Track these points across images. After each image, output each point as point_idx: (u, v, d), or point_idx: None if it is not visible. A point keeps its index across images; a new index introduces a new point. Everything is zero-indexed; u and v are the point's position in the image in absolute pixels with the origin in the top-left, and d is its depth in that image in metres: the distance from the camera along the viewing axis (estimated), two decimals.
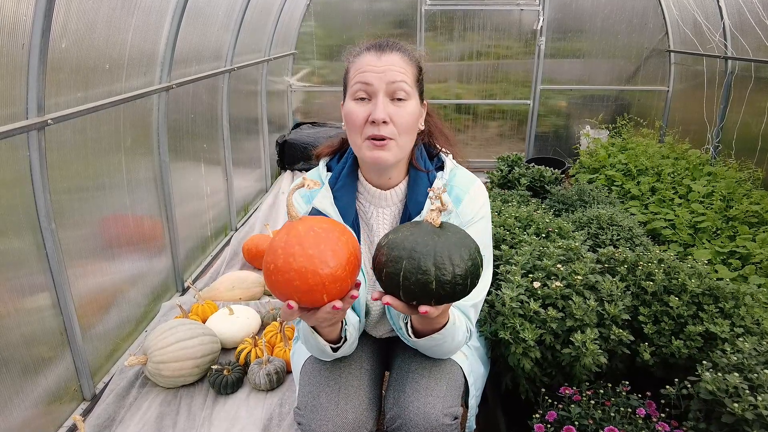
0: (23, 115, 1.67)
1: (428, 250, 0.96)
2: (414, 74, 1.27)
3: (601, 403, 1.46)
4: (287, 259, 0.96)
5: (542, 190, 3.60)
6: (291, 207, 1.04)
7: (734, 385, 1.26)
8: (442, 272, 0.95)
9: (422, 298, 0.98)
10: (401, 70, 1.23)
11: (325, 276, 0.96)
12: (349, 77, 1.28)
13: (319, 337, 1.22)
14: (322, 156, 1.47)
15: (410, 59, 1.27)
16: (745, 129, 3.96)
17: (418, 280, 0.96)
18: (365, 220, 1.40)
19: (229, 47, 3.51)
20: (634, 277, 1.76)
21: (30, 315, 1.77)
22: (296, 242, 0.97)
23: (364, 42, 1.30)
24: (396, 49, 1.25)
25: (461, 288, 0.98)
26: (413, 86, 1.26)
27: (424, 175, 1.34)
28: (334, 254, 0.97)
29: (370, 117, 1.21)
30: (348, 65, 1.30)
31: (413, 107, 1.26)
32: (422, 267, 0.95)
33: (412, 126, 1.27)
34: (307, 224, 1.01)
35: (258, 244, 3.16)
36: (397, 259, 0.97)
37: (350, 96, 1.25)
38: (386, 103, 1.22)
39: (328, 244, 0.97)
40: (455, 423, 1.27)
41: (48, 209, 1.77)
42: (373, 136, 1.21)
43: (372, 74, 1.21)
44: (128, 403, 2.03)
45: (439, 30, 5.14)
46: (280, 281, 0.97)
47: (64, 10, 1.76)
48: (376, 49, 1.24)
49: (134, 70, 2.35)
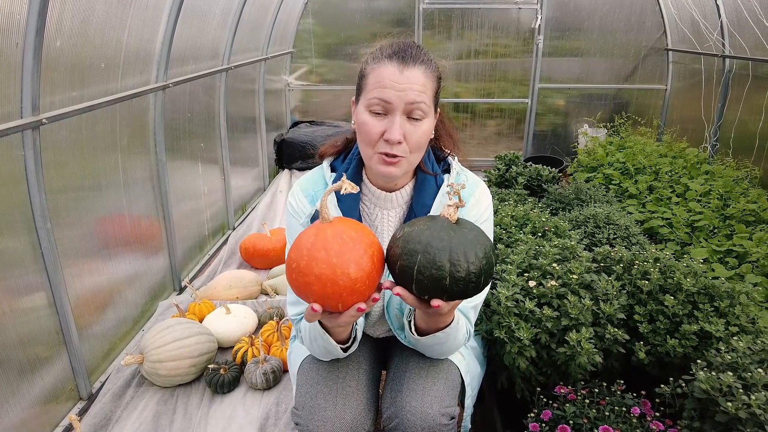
0: (18, 115, 1.67)
1: (444, 245, 0.96)
2: (433, 89, 1.23)
3: (596, 402, 1.46)
4: (310, 263, 0.95)
5: (540, 189, 3.61)
6: (324, 208, 1.01)
7: (728, 384, 1.26)
8: (457, 269, 0.95)
9: (435, 292, 0.98)
10: (422, 89, 1.18)
11: (343, 287, 0.95)
12: (366, 83, 1.22)
13: (330, 338, 1.22)
14: (327, 156, 1.44)
15: (432, 73, 1.21)
16: (742, 127, 3.97)
17: (432, 275, 0.95)
18: (369, 222, 1.40)
19: (227, 46, 3.50)
20: (629, 276, 1.76)
21: (26, 315, 1.76)
22: (322, 246, 0.96)
23: (386, 45, 1.22)
24: (419, 61, 1.18)
25: (474, 285, 0.98)
26: (431, 103, 1.22)
27: (431, 178, 1.34)
28: (357, 267, 0.95)
29: (385, 135, 1.18)
30: (366, 68, 1.23)
31: (428, 126, 1.23)
32: (437, 262, 0.95)
33: (424, 144, 1.25)
34: (337, 229, 0.99)
35: (255, 243, 3.16)
36: (413, 252, 0.97)
37: (366, 105, 1.20)
38: (403, 122, 1.18)
39: (353, 254, 0.96)
40: (452, 423, 1.27)
41: (43, 209, 1.77)
42: (386, 153, 1.20)
43: (392, 92, 1.16)
44: (125, 402, 2.03)
45: (437, 28, 5.13)
46: (300, 282, 0.97)
47: (58, 9, 1.76)
48: (399, 59, 1.17)
49: (130, 68, 2.34)
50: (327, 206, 1.02)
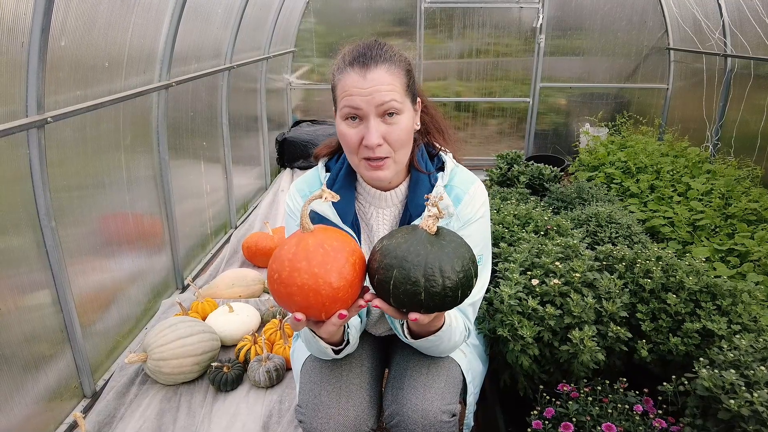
0: (23, 113, 1.68)
1: (419, 260, 0.95)
2: (403, 83, 1.21)
3: (598, 400, 1.47)
4: (292, 273, 0.95)
5: (541, 188, 3.61)
6: (304, 218, 1.02)
7: (730, 381, 1.26)
8: (431, 284, 0.95)
9: (411, 306, 0.98)
10: (389, 88, 1.17)
11: (326, 296, 0.95)
12: (336, 95, 1.23)
13: (321, 340, 1.22)
14: (321, 156, 1.45)
15: (397, 68, 1.20)
16: (744, 127, 3.96)
17: (407, 290, 0.95)
18: (365, 221, 1.40)
19: (229, 45, 3.51)
20: (632, 275, 1.76)
21: (30, 312, 1.77)
22: (303, 257, 0.96)
23: (347, 52, 1.22)
24: (381, 60, 1.17)
25: (451, 299, 0.98)
26: (404, 97, 1.21)
27: (425, 177, 1.34)
28: (339, 276, 0.96)
29: (363, 141, 1.19)
30: (334, 81, 1.23)
31: (406, 121, 1.22)
32: (411, 278, 0.94)
33: (407, 140, 1.24)
34: (318, 239, 0.99)
35: (257, 241, 3.17)
36: (388, 267, 0.96)
37: (341, 116, 1.21)
38: (378, 124, 1.18)
39: (335, 264, 0.96)
40: (453, 420, 1.27)
41: (48, 207, 1.78)
42: (369, 158, 1.21)
43: (359, 98, 1.16)
44: (128, 400, 2.04)
45: (439, 28, 5.13)
46: (282, 293, 0.97)
47: (63, 9, 1.76)
48: (360, 64, 1.17)
49: (134, 68, 2.35)
50: (306, 216, 1.02)
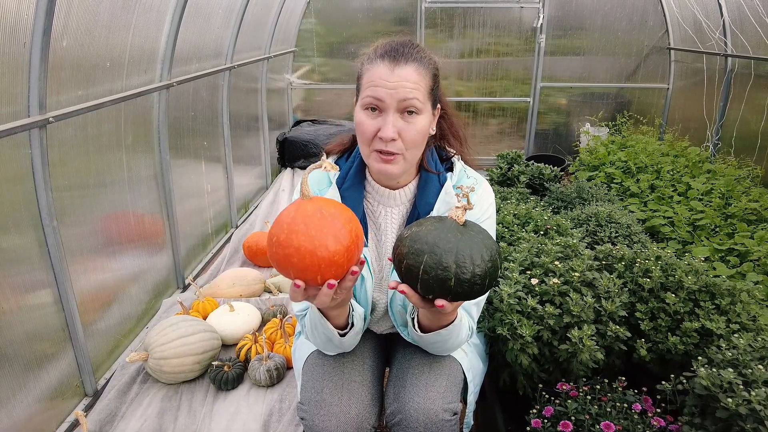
0: (25, 113, 1.68)
1: (450, 247, 0.97)
2: (428, 86, 1.24)
3: (597, 399, 1.48)
4: (290, 235, 0.98)
5: (541, 188, 3.61)
6: (305, 185, 1.05)
7: (729, 380, 1.27)
8: (462, 270, 0.96)
9: (439, 293, 0.99)
10: (414, 86, 1.19)
11: (321, 258, 0.97)
12: (361, 84, 1.25)
13: (327, 322, 1.23)
14: (332, 153, 1.46)
15: (425, 69, 1.23)
16: (744, 126, 3.97)
17: (437, 275, 0.97)
18: (373, 219, 1.41)
19: (230, 45, 3.51)
20: (631, 274, 1.77)
21: (32, 311, 1.78)
22: (301, 220, 0.99)
23: (380, 45, 1.25)
24: (411, 59, 1.20)
25: (479, 287, 0.99)
26: (426, 99, 1.23)
27: (434, 176, 1.36)
28: (335, 240, 0.98)
29: (379, 132, 1.21)
30: (361, 69, 1.26)
31: (423, 122, 1.24)
32: (443, 263, 0.96)
33: (421, 141, 1.26)
34: (316, 205, 1.02)
35: (258, 241, 3.18)
36: (419, 252, 0.98)
37: (361, 105, 1.23)
38: (396, 119, 1.20)
39: (331, 228, 0.98)
40: (454, 418, 1.28)
41: (50, 206, 1.79)
42: (381, 150, 1.23)
43: (383, 90, 1.18)
44: (129, 398, 2.05)
45: (439, 27, 5.14)
46: (279, 254, 0.99)
47: (65, 9, 1.77)
48: (390, 59, 1.20)
49: (135, 68, 2.36)
50: (307, 183, 1.05)
